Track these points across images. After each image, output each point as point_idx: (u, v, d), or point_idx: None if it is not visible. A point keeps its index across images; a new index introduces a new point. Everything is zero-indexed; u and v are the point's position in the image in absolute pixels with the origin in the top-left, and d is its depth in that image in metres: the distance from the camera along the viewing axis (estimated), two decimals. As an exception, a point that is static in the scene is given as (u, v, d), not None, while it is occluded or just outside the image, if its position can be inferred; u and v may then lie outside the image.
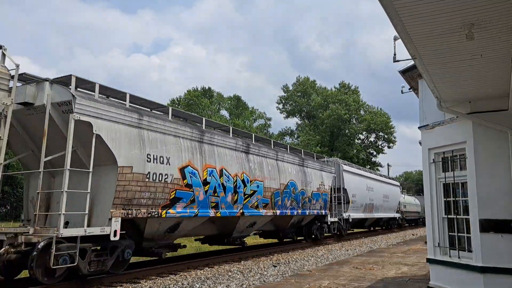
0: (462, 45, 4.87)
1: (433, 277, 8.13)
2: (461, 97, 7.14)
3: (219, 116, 54.38)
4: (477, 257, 6.94)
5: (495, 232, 6.82)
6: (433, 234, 8.06)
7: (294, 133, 59.40)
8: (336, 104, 51.08)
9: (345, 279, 9.91)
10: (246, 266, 12.59)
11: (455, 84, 6.46)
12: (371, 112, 54.12)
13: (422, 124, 8.57)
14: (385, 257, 14.65)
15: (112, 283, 9.65)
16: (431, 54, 5.20)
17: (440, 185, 8.12)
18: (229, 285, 9.47)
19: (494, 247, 6.80)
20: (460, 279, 7.29)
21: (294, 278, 10.28)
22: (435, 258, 7.96)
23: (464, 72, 5.88)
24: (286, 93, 58.58)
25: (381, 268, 11.94)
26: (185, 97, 54.64)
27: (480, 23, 4.33)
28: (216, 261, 13.63)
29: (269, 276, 10.81)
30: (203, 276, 10.65)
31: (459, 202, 7.78)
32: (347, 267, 12.01)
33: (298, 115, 59.07)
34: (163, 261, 11.76)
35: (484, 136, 7.12)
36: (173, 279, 10.33)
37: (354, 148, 52.05)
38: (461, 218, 7.67)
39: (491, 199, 6.93)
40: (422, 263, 12.43)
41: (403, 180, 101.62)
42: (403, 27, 4.38)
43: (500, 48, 4.99)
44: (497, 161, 6.97)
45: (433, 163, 8.22)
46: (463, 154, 7.54)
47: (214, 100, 57.36)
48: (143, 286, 9.42)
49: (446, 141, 7.86)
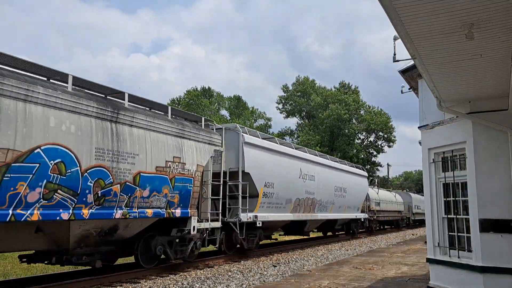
0: (462, 45, 4.87)
1: (433, 277, 8.13)
2: (461, 97, 7.15)
3: (219, 116, 54.39)
4: (477, 257, 6.94)
5: (495, 232, 6.83)
6: (433, 234, 8.06)
7: (294, 133, 59.42)
8: (336, 104, 51.07)
9: (345, 279, 9.91)
10: (246, 266, 12.59)
11: (455, 84, 6.46)
12: (371, 112, 54.12)
13: (422, 124, 8.57)
14: (385, 257, 14.65)
15: (112, 283, 9.65)
16: (431, 54, 5.21)
17: (440, 185, 8.12)
18: (229, 285, 9.47)
19: (494, 247, 6.81)
20: (460, 279, 7.29)
21: (294, 278, 10.28)
22: (435, 258, 7.96)
23: (463, 72, 5.89)
24: (286, 93, 58.60)
25: (381, 268, 11.94)
26: (184, 97, 54.65)
27: (480, 23, 4.33)
28: (216, 261, 13.63)
29: (269, 276, 10.81)
30: (203, 276, 10.65)
31: (459, 202, 7.78)
32: (347, 267, 12.02)
33: (298, 115, 59.09)
34: (163, 261, 11.76)
35: (484, 136, 7.12)
36: (173, 279, 10.33)
37: (354, 148, 52.05)
38: (461, 218, 7.67)
39: (490, 199, 6.93)
40: (422, 263, 12.43)
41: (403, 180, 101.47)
42: (403, 27, 4.38)
43: (500, 48, 5.00)
44: (497, 161, 6.98)
45: (433, 163, 8.22)
46: (463, 154, 7.54)
47: (213, 100, 57.35)
48: (143, 286, 9.42)
49: (446, 141, 7.86)
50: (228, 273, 11.21)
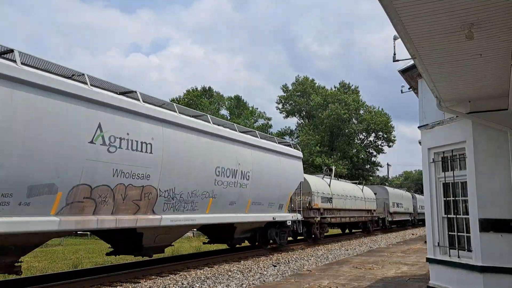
0: (461, 45, 4.87)
1: (433, 276, 8.13)
2: (461, 97, 7.15)
3: (220, 115, 54.39)
4: (477, 257, 6.95)
5: (494, 232, 6.83)
6: (433, 233, 8.06)
7: (294, 133, 59.42)
8: (335, 104, 51.07)
9: (345, 279, 9.91)
10: (246, 266, 12.60)
11: (455, 84, 6.46)
12: (371, 112, 54.12)
13: (422, 124, 8.57)
14: (384, 257, 14.65)
15: (112, 283, 9.65)
16: (431, 54, 5.21)
17: (440, 184, 8.12)
18: (229, 285, 9.48)
19: (494, 246, 6.81)
20: (460, 278, 7.29)
21: (294, 277, 10.28)
22: (435, 257, 7.96)
23: (463, 72, 5.89)
24: (286, 92, 58.59)
25: (380, 267, 11.94)
26: (184, 97, 54.68)
27: (480, 22, 4.33)
28: (216, 260, 13.63)
29: (269, 275, 10.81)
30: (203, 276, 10.65)
31: (459, 201, 7.78)
32: (346, 267, 12.02)
33: (298, 114, 59.09)
34: (163, 261, 11.76)
35: (483, 136, 7.12)
36: (173, 278, 10.33)
37: (354, 148, 52.05)
38: (460, 217, 7.68)
39: (490, 198, 6.93)
40: (422, 263, 12.44)
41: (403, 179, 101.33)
42: (403, 27, 4.38)
43: (500, 48, 5.00)
44: (496, 161, 6.98)
45: (433, 163, 8.22)
46: (463, 153, 7.54)
47: (213, 100, 57.36)
48: (143, 286, 9.42)
49: (446, 141, 7.86)
50: (228, 272, 11.21)
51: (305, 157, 47.46)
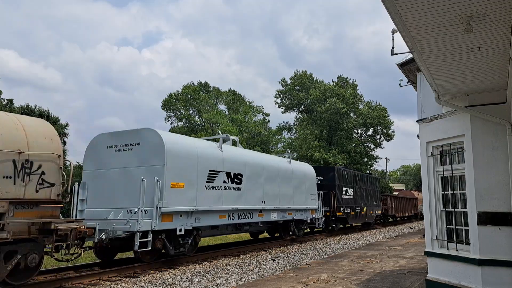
0: (460, 38, 4.85)
1: (431, 269, 8.16)
2: (459, 90, 7.13)
3: (218, 111, 54.31)
4: (475, 250, 6.97)
5: (492, 225, 6.84)
6: (431, 227, 8.08)
7: (292, 128, 59.35)
8: (334, 98, 50.97)
9: (344, 272, 9.94)
10: (244, 260, 12.63)
11: (453, 77, 6.45)
12: (369, 106, 54.05)
13: (420, 118, 8.56)
14: (383, 251, 14.71)
15: (111, 278, 9.67)
16: (429, 47, 5.18)
17: (438, 178, 8.13)
18: (228, 279, 9.50)
19: (492, 239, 6.83)
20: (458, 271, 7.32)
21: (292, 271, 10.31)
22: (433, 251, 7.98)
23: (462, 65, 5.87)
24: (284, 87, 58.41)
25: (379, 261, 11.99)
26: (183, 92, 54.57)
27: (479, 15, 4.30)
28: (215, 255, 13.66)
29: (267, 269, 10.84)
30: (202, 270, 10.67)
31: (457, 195, 7.79)
32: (345, 261, 12.06)
33: (296, 109, 58.98)
34: (162, 256, 11.78)
35: (482, 129, 7.12)
36: (172, 273, 10.35)
37: (352, 142, 52.04)
38: (459, 211, 7.69)
39: (488, 191, 6.94)
40: (420, 256, 12.49)
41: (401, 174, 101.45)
42: (401, 19, 4.36)
43: (499, 41, 4.97)
44: (495, 154, 6.98)
45: (431, 157, 8.22)
46: (461, 147, 7.54)
47: (211, 94, 57.25)
48: (142, 280, 9.44)
49: (444, 134, 7.85)
50: (227, 267, 11.24)
51: (304, 151, 47.50)
